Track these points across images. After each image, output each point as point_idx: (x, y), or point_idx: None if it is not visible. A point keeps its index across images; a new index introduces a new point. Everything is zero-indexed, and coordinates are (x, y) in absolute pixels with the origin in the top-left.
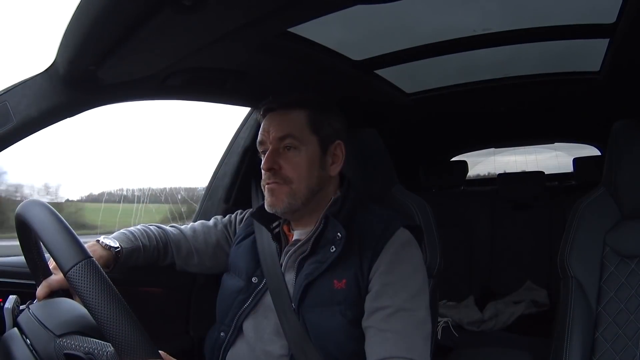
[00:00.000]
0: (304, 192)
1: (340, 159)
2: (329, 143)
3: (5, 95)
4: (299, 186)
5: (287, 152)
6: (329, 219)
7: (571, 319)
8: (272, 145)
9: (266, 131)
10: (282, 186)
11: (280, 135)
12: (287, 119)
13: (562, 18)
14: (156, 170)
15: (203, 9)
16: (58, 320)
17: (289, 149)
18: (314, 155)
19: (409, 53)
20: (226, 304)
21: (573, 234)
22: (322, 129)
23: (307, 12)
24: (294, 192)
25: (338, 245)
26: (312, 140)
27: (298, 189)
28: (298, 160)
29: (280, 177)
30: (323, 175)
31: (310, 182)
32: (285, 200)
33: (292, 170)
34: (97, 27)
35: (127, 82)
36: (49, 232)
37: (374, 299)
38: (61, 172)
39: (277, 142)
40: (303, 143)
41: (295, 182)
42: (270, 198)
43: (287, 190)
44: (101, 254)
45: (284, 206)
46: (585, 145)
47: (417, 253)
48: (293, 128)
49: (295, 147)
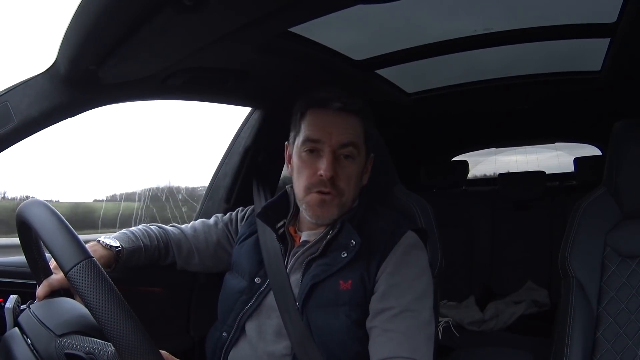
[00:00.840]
0: (349, 204)
1: (369, 169)
2: (369, 154)
3: (6, 95)
4: (348, 198)
5: (343, 160)
6: (345, 224)
7: (572, 319)
8: (332, 150)
9: (327, 132)
10: (334, 198)
11: (345, 141)
12: (351, 125)
13: (562, 18)
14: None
15: (204, 8)
16: (59, 320)
17: (347, 157)
18: (361, 166)
19: (409, 53)
20: (228, 304)
21: (574, 234)
22: (370, 140)
23: (308, 12)
24: (343, 203)
25: (350, 252)
26: (363, 151)
27: (347, 200)
28: (352, 171)
29: (335, 187)
30: (361, 186)
31: (355, 194)
32: (335, 212)
33: (346, 181)
34: (98, 27)
35: (128, 82)
36: (50, 231)
37: (380, 299)
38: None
39: (339, 148)
40: (359, 154)
41: (346, 194)
42: (321, 210)
43: (337, 201)
44: (102, 254)
45: (333, 218)
46: (586, 145)
47: (423, 256)
48: (356, 136)
49: (353, 157)
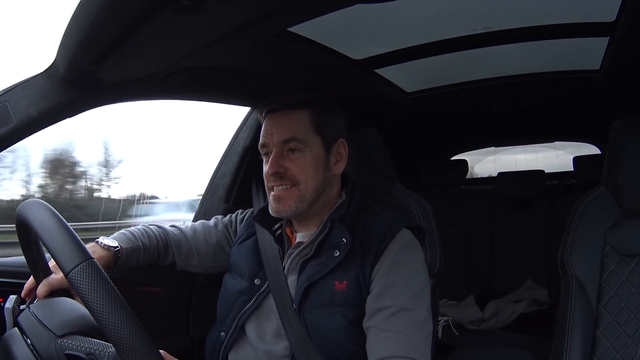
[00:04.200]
0: (310, 194)
1: (344, 157)
2: (332, 142)
3: (5, 95)
4: (306, 187)
5: (291, 155)
6: (335, 224)
7: (571, 317)
8: (276, 149)
9: (269, 134)
10: (289, 191)
11: (284, 138)
12: (290, 121)
13: (562, 16)
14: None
15: (203, 8)
16: (59, 320)
17: (293, 151)
18: (318, 155)
19: (408, 52)
20: (227, 304)
21: (573, 232)
22: (325, 129)
23: (307, 11)
24: (301, 194)
25: (342, 251)
26: (316, 141)
27: (305, 190)
28: (303, 162)
29: (287, 179)
30: (328, 175)
31: (316, 183)
32: (292, 205)
33: (299, 172)
34: (97, 27)
35: (127, 81)
36: (50, 232)
37: (376, 299)
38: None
39: (281, 145)
40: (307, 145)
41: (302, 184)
42: (277, 205)
43: (295, 193)
44: (101, 255)
45: (292, 211)
46: (585, 144)
47: (419, 254)
48: (297, 130)
49: (300, 150)
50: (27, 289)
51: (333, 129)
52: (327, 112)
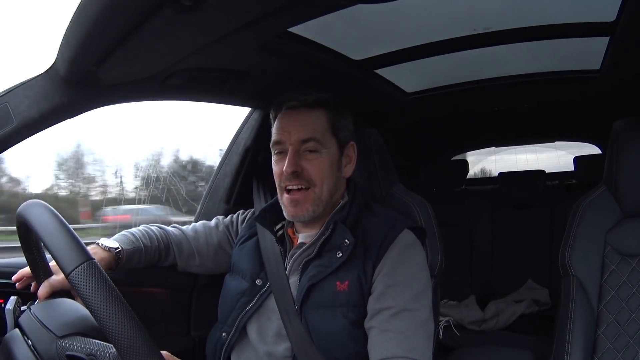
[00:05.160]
0: (325, 196)
1: (353, 160)
2: (345, 144)
3: (5, 96)
4: (321, 189)
5: (308, 155)
6: (338, 225)
7: (572, 317)
8: (293, 147)
9: (286, 131)
10: (305, 193)
11: (304, 137)
12: (309, 120)
13: (562, 16)
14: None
15: (203, 9)
16: (60, 321)
17: (310, 151)
18: (333, 157)
19: (408, 52)
20: (229, 304)
21: (574, 232)
22: (340, 131)
23: (307, 11)
24: (317, 196)
25: (345, 252)
26: (332, 142)
27: (320, 192)
28: (320, 163)
29: (303, 179)
30: (339, 178)
31: (330, 185)
32: (310, 209)
33: (316, 173)
34: (97, 28)
35: (128, 82)
36: (51, 233)
37: (377, 300)
38: None
39: (299, 144)
40: (325, 146)
41: (317, 185)
42: (294, 209)
43: (310, 196)
44: (102, 256)
45: (309, 215)
46: (586, 144)
47: (420, 254)
48: (316, 131)
49: (317, 150)
50: (21, 275)
51: (346, 131)
52: (341, 114)
